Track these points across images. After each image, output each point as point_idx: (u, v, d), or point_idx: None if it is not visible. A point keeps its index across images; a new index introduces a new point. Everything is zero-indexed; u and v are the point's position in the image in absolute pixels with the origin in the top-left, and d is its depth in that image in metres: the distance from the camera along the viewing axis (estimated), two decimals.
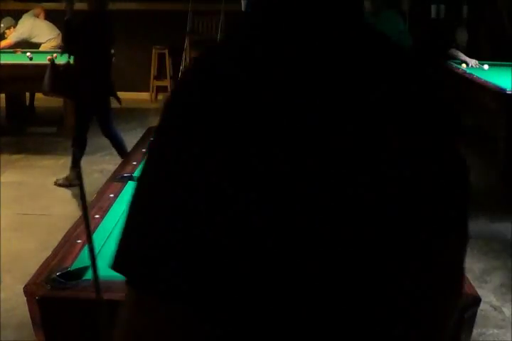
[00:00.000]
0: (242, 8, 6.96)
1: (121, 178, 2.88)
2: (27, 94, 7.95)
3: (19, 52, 7.40)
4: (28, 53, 7.16)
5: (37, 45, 7.69)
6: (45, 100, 7.31)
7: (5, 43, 7.63)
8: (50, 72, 5.71)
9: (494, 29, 7.89)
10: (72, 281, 2.01)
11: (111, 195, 2.75)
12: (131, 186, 2.93)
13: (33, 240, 4.34)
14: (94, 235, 2.00)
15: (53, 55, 6.40)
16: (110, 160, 6.02)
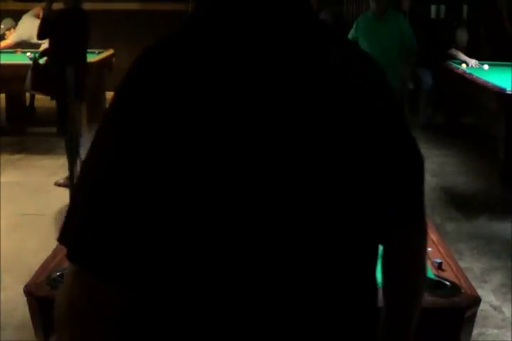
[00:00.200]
0: None
1: None
2: (27, 94, 7.94)
3: (19, 52, 7.40)
4: (28, 53, 7.16)
5: (37, 45, 7.68)
6: (45, 100, 7.30)
7: (5, 44, 7.63)
8: (32, 71, 5.84)
9: (494, 29, 7.89)
10: None
11: None
12: None
13: (33, 240, 4.34)
14: None
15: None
16: None
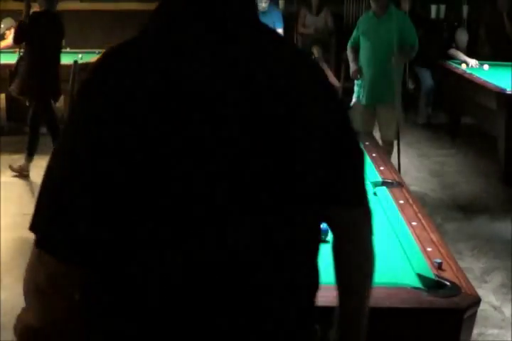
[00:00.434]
0: None
1: None
2: None
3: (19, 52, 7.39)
4: None
5: None
6: None
7: (5, 44, 7.62)
8: (18, 75, 6.01)
9: (494, 29, 7.89)
10: None
11: None
12: None
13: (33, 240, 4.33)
14: None
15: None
16: None
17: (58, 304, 1.09)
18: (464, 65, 6.97)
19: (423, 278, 2.07)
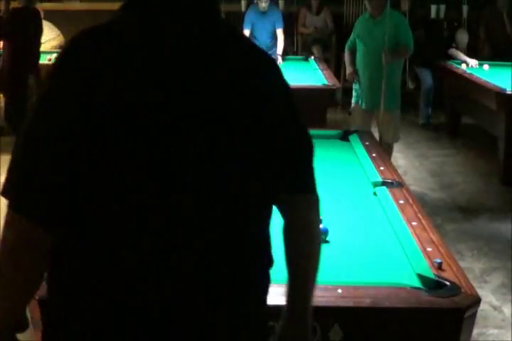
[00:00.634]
0: (242, 8, 7.02)
1: None
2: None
3: None
4: None
5: None
6: None
7: None
8: None
9: (494, 29, 7.89)
10: None
11: None
12: None
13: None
14: None
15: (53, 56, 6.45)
16: None
17: (30, 263, 1.24)
18: (464, 65, 6.97)
19: (423, 278, 2.07)
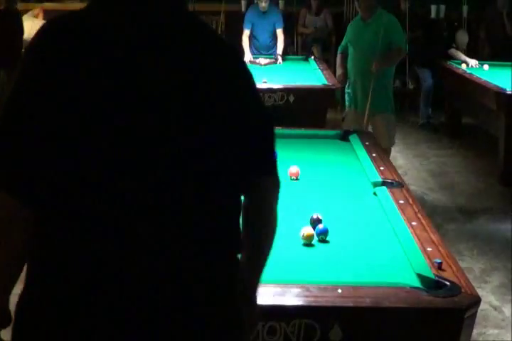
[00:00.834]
0: (242, 8, 7.03)
1: None
2: None
3: None
4: None
5: None
6: None
7: None
8: None
9: (494, 29, 7.89)
10: None
11: None
12: None
13: None
14: None
15: None
16: None
17: (13, 235, 1.33)
18: (464, 65, 6.97)
19: (423, 278, 2.07)
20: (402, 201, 2.76)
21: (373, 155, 3.49)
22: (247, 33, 7.21)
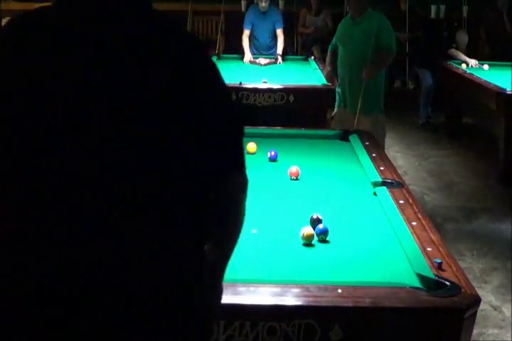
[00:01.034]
0: (242, 8, 7.02)
1: None
2: None
3: None
4: None
5: None
6: None
7: None
8: None
9: (494, 29, 7.89)
10: None
11: None
12: None
13: None
14: None
15: None
16: None
17: None
18: (464, 65, 6.97)
19: (423, 278, 2.07)
20: (402, 201, 2.76)
21: (373, 155, 3.49)
22: (247, 33, 7.21)
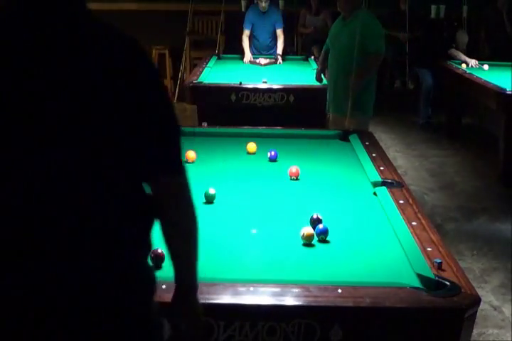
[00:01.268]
0: (242, 8, 7.01)
1: None
2: None
3: None
4: None
5: None
6: None
7: None
8: None
9: (494, 29, 7.89)
10: None
11: None
12: None
13: None
14: None
15: None
16: None
17: None
18: (464, 65, 6.97)
19: (423, 278, 2.07)
20: (402, 201, 2.76)
21: (373, 155, 3.49)
22: (247, 33, 7.21)
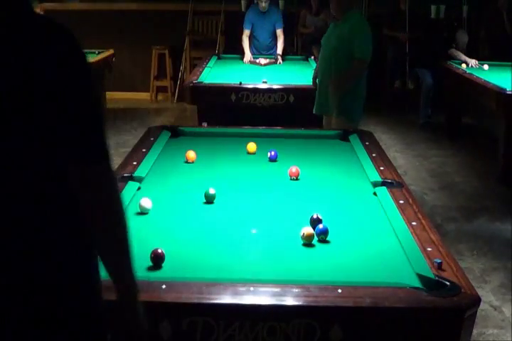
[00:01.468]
0: (242, 8, 7.01)
1: (121, 178, 2.88)
2: None
3: None
4: None
5: None
6: None
7: None
8: None
9: (494, 29, 7.89)
10: None
11: None
12: (132, 186, 2.92)
13: None
14: None
15: None
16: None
17: None
18: (464, 65, 6.97)
19: (423, 278, 2.07)
20: (402, 201, 2.76)
21: (373, 155, 3.49)
22: (247, 33, 7.22)
